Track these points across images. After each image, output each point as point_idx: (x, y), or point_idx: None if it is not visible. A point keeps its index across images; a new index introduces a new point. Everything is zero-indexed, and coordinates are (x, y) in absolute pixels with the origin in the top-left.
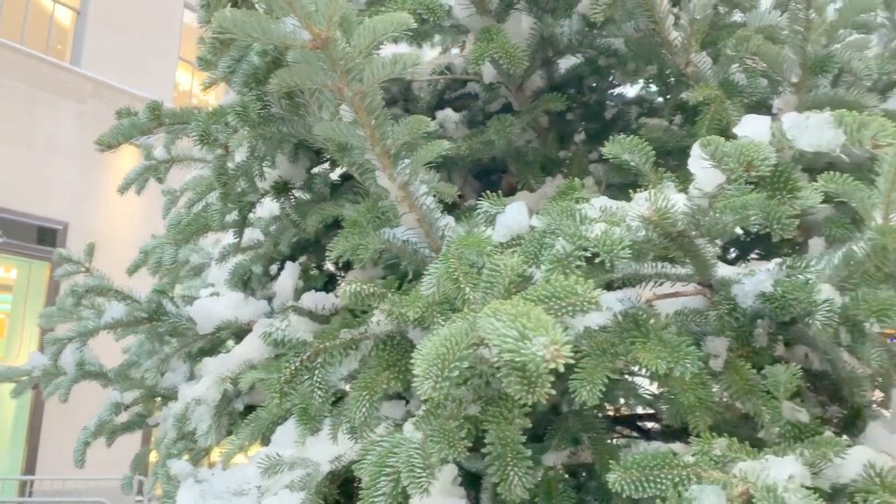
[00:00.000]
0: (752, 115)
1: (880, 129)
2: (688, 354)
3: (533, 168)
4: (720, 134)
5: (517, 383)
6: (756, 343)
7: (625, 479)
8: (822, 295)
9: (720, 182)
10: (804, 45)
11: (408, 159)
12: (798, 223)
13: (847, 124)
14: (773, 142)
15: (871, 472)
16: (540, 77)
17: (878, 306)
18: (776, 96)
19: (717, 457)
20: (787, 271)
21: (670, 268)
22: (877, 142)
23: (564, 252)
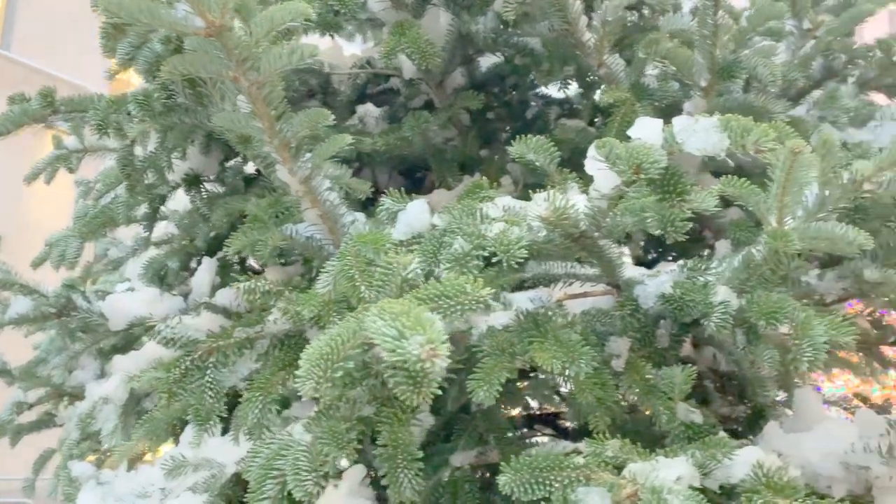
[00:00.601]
0: (646, 118)
1: (762, 134)
2: (582, 354)
3: (451, 166)
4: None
5: (402, 383)
6: (658, 343)
7: (514, 481)
8: (718, 297)
9: (616, 184)
10: (712, 49)
11: (310, 153)
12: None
13: (731, 129)
14: (665, 145)
15: (759, 472)
16: (461, 75)
17: (768, 309)
18: (687, 100)
19: (610, 458)
20: (687, 273)
21: (580, 268)
22: (759, 146)
23: (462, 251)
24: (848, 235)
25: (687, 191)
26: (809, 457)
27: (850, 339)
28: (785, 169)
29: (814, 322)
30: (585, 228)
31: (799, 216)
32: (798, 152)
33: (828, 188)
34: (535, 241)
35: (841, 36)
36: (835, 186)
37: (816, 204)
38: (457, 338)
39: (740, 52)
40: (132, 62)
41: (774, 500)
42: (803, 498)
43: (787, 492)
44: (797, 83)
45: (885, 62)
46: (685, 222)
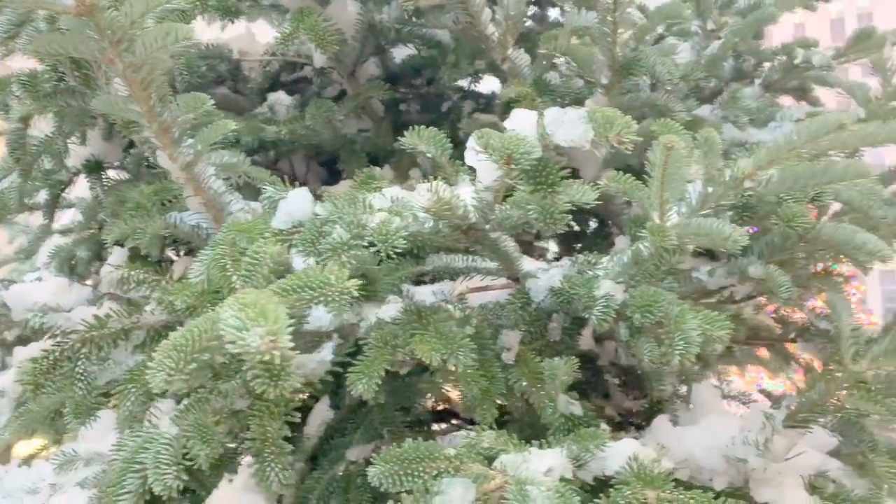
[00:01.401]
0: (521, 110)
1: (625, 126)
2: (462, 346)
3: (360, 157)
4: None
5: (260, 376)
6: (551, 337)
7: (383, 473)
8: (601, 291)
9: (497, 175)
10: (612, 47)
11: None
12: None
13: (595, 120)
14: (539, 136)
15: (633, 464)
16: (375, 65)
17: (643, 302)
18: (590, 97)
19: (484, 449)
20: (578, 267)
21: (481, 261)
22: (621, 138)
23: (341, 240)
24: (724, 231)
25: (558, 182)
26: (693, 450)
27: (724, 333)
28: (660, 165)
29: (687, 316)
30: (475, 221)
31: (683, 212)
32: (671, 148)
33: (710, 185)
34: (421, 233)
35: (747, 38)
36: (717, 183)
37: (699, 200)
38: (347, 330)
39: (641, 51)
40: (12, 40)
41: (643, 491)
42: (671, 489)
43: (656, 483)
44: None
45: (789, 65)
46: (564, 215)
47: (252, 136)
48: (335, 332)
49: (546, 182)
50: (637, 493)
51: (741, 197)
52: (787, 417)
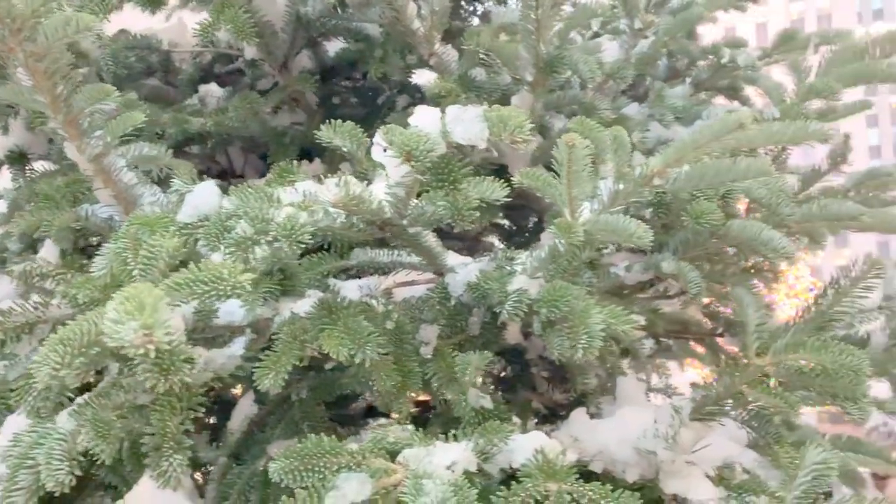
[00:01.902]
0: (425, 106)
1: (518, 126)
2: (370, 340)
3: (289, 150)
4: None
5: (149, 370)
6: (470, 331)
7: (284, 469)
8: (514, 285)
9: (406, 171)
10: (536, 44)
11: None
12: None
13: (490, 119)
14: (442, 134)
15: (539, 457)
16: (308, 58)
17: (550, 297)
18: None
19: (390, 444)
20: (496, 262)
21: (406, 257)
22: (514, 137)
23: (244, 235)
24: (629, 228)
25: (460, 179)
26: (607, 443)
27: (630, 328)
28: (565, 162)
29: (592, 311)
30: (390, 216)
31: (595, 209)
32: (572, 145)
33: (621, 182)
34: (332, 227)
35: (677, 37)
36: (628, 181)
37: (610, 197)
38: (261, 325)
39: (564, 49)
40: None
41: (546, 483)
42: (574, 481)
43: (559, 475)
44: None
45: (716, 65)
46: (472, 212)
47: (177, 127)
48: (248, 327)
49: (449, 179)
50: (539, 486)
51: (657, 194)
52: (693, 410)
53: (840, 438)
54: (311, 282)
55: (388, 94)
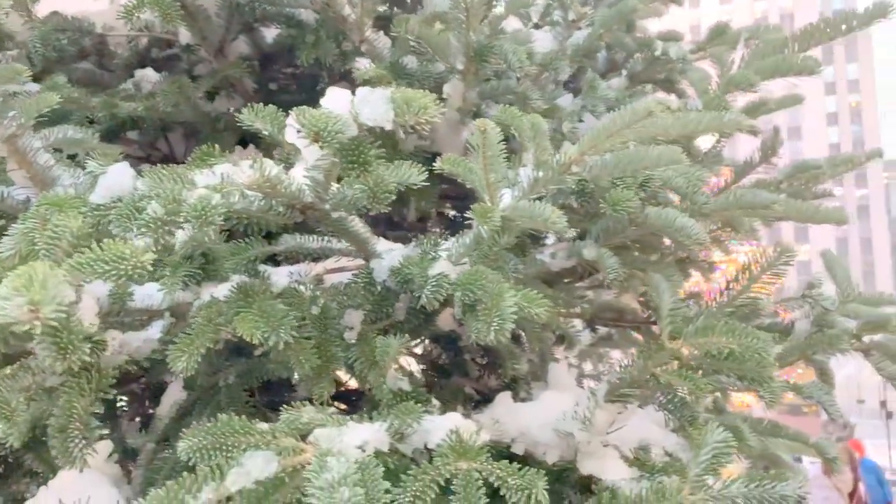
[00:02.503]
0: (336, 88)
1: (422, 108)
2: (283, 324)
3: (225, 136)
4: None
5: (47, 348)
6: (396, 317)
7: (193, 448)
8: (434, 270)
9: (323, 154)
10: (466, 33)
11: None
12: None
13: (395, 101)
14: (353, 115)
15: (453, 437)
16: (245, 43)
17: (465, 281)
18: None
19: (303, 424)
20: (422, 248)
21: (336, 243)
22: (418, 118)
23: (155, 216)
24: (545, 213)
25: (370, 161)
26: (529, 425)
27: (542, 311)
28: (480, 148)
29: (505, 295)
30: (311, 200)
31: (516, 195)
32: (484, 130)
33: (541, 170)
34: (249, 210)
35: (612, 29)
36: (547, 168)
37: (530, 184)
38: (182, 309)
39: (494, 38)
40: None
41: (457, 462)
42: (485, 461)
43: (470, 455)
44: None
45: (650, 58)
46: (388, 194)
47: (105, 111)
48: (167, 311)
49: (359, 161)
50: (450, 465)
51: (579, 182)
52: (609, 393)
53: (761, 423)
54: (239, 267)
55: (328, 81)
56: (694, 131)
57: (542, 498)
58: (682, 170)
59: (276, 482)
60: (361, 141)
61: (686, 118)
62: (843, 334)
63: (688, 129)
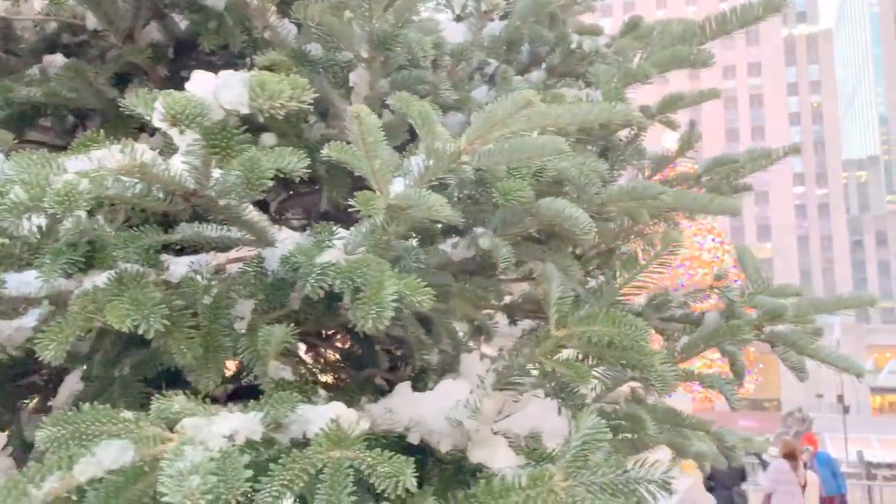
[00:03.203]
0: (202, 72)
1: (276, 91)
2: (155, 311)
3: (130, 123)
4: None
5: None
6: (291, 306)
7: (51, 437)
8: (322, 258)
9: (193, 139)
10: (368, 21)
11: None
12: None
13: (251, 84)
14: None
15: (332, 426)
16: (157, 30)
17: (345, 269)
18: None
19: (174, 413)
20: (315, 237)
21: (236, 232)
22: (272, 103)
23: (17, 200)
24: (429, 201)
25: (231, 146)
26: (424, 414)
27: (425, 299)
28: (358, 134)
29: (386, 283)
30: (195, 187)
31: (408, 183)
32: (358, 116)
33: (431, 158)
34: (123, 196)
35: (528, 22)
36: (437, 157)
37: (421, 173)
38: (63, 297)
39: (399, 27)
40: None
41: (330, 451)
42: (360, 449)
43: (345, 444)
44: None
45: (566, 51)
46: (263, 181)
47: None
48: (46, 299)
49: (221, 146)
50: (322, 453)
51: (477, 172)
52: (497, 381)
53: (655, 409)
54: (133, 255)
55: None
56: (584, 122)
57: (410, 485)
58: (576, 161)
59: (137, 472)
60: (225, 125)
61: (575, 109)
62: (743, 325)
63: (577, 119)
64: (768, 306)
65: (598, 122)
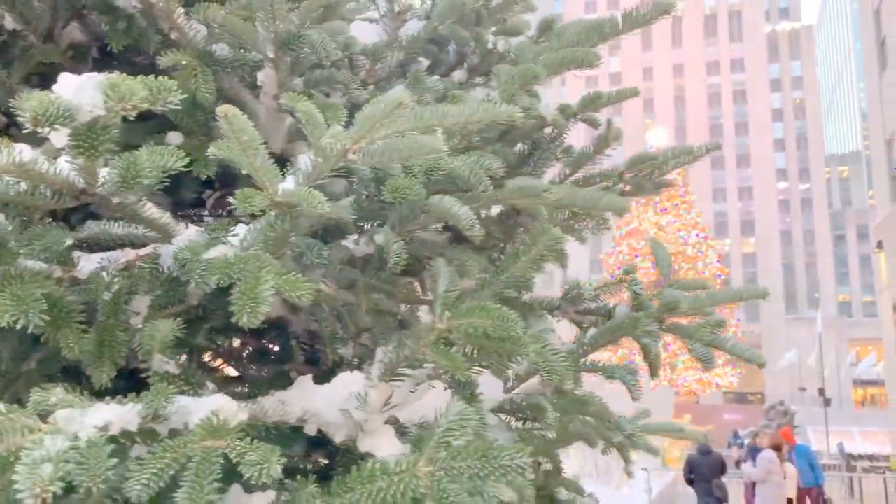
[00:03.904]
0: (67, 74)
1: (126, 94)
2: (34, 307)
3: None
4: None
5: None
6: (189, 301)
7: None
8: (209, 255)
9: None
10: (271, 22)
11: None
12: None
13: (104, 87)
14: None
15: (213, 417)
16: (78, 30)
17: (220, 265)
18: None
19: (51, 405)
20: (210, 234)
21: (143, 230)
22: (125, 105)
23: None
24: (313, 198)
25: (96, 147)
26: (320, 406)
27: (305, 293)
28: (229, 133)
29: (263, 278)
30: (84, 185)
31: (300, 181)
32: (224, 116)
33: (319, 156)
34: (7, 195)
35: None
36: (325, 154)
37: (308, 171)
38: None
39: (304, 27)
40: None
41: (202, 441)
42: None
43: (219, 433)
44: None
45: (484, 51)
46: (138, 180)
47: None
48: None
49: (85, 146)
50: (195, 444)
51: (373, 171)
52: (384, 372)
53: (564, 397)
54: (37, 253)
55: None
56: (469, 120)
57: (275, 472)
58: (469, 160)
59: (3, 463)
60: (92, 126)
61: (461, 109)
62: (643, 317)
63: (462, 118)
64: (665, 300)
65: (483, 121)
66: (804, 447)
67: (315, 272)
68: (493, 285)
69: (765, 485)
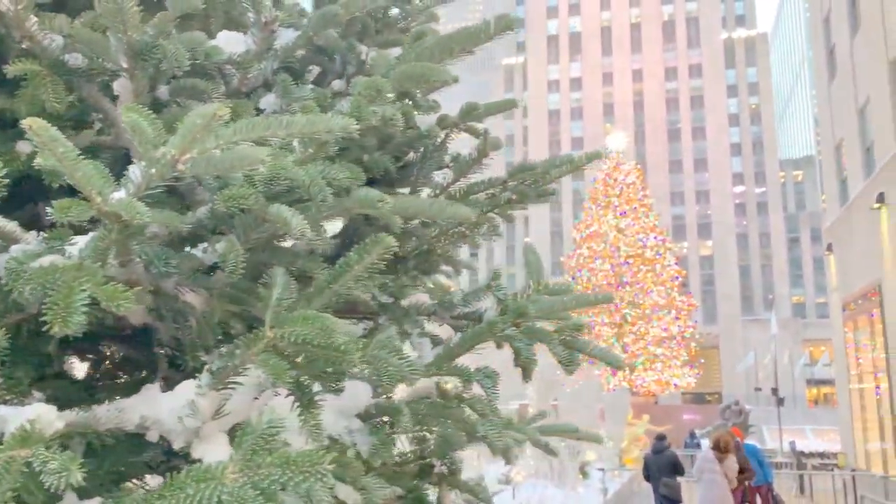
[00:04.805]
0: None
1: None
2: None
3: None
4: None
5: None
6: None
7: None
8: (36, 263)
9: None
10: (123, 32)
11: None
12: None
13: None
14: None
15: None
16: None
17: (36, 275)
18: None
19: None
20: (49, 244)
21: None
22: None
23: None
24: (131, 209)
25: None
26: (160, 413)
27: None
28: (43, 148)
29: (77, 288)
30: None
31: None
32: (31, 128)
33: (150, 166)
34: None
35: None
36: (156, 165)
37: (139, 182)
38: None
39: (158, 38)
40: None
41: (12, 450)
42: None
43: (28, 442)
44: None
45: (358, 63)
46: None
47: None
48: None
49: None
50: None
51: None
52: (214, 380)
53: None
54: None
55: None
56: (293, 133)
57: (75, 480)
58: (313, 171)
59: None
60: None
61: (290, 120)
62: (499, 322)
63: (293, 129)
64: (514, 306)
65: (312, 133)
66: (753, 446)
67: (169, 280)
68: (324, 294)
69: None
